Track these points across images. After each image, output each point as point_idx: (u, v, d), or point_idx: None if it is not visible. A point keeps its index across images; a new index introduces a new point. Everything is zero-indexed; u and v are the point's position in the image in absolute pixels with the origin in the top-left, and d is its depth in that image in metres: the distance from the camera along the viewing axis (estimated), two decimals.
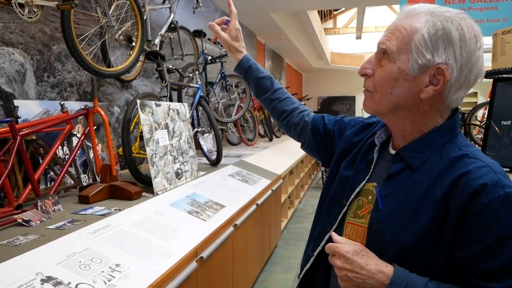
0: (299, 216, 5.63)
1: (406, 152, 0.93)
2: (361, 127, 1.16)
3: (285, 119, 1.36)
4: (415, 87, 0.87)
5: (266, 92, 1.36)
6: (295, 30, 8.60)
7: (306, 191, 7.16)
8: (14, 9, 1.74)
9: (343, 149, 1.14)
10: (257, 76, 1.36)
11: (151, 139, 2.24)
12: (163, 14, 3.65)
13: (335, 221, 1.03)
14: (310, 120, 1.29)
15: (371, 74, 0.94)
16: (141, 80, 3.49)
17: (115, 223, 1.73)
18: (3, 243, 1.43)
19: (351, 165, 1.07)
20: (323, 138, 1.25)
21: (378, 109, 0.95)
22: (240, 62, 1.38)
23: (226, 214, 2.35)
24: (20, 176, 2.01)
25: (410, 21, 0.88)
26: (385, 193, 0.92)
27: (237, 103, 4.72)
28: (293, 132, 1.35)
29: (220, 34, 1.35)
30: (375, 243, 0.90)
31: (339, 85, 16.45)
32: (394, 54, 0.88)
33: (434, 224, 0.83)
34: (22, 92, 2.21)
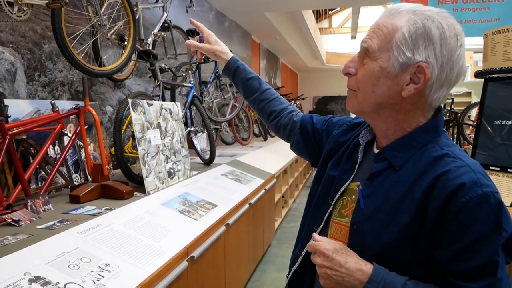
0: (293, 216, 5.64)
1: (388, 152, 0.93)
2: (348, 127, 1.16)
3: (274, 119, 1.35)
4: (396, 85, 0.88)
5: (255, 93, 1.36)
6: (290, 29, 8.60)
7: (301, 190, 7.17)
8: (3, 7, 1.74)
9: (330, 149, 1.15)
10: (244, 76, 1.36)
11: (143, 139, 2.23)
12: (156, 13, 3.64)
13: (321, 221, 1.04)
14: (299, 120, 1.29)
15: (354, 73, 0.94)
16: (134, 79, 3.48)
17: (106, 223, 1.72)
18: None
19: (336, 165, 1.08)
20: (312, 138, 1.25)
21: (361, 108, 0.95)
22: (227, 63, 1.37)
23: (218, 214, 2.35)
24: (10, 175, 2.00)
25: (391, 20, 0.88)
26: (367, 192, 0.93)
27: (231, 102, 4.72)
28: (282, 132, 1.35)
29: (200, 46, 1.36)
30: (356, 242, 0.91)
31: (334, 84, 16.46)
32: (376, 52, 0.88)
33: (414, 224, 0.83)
34: (13, 91, 2.20)
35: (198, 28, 1.39)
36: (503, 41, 2.30)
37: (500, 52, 2.31)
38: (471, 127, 6.08)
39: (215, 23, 5.89)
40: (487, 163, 2.21)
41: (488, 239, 0.79)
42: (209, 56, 1.38)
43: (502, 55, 2.29)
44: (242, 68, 1.37)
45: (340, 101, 16.68)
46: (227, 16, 6.43)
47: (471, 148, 2.50)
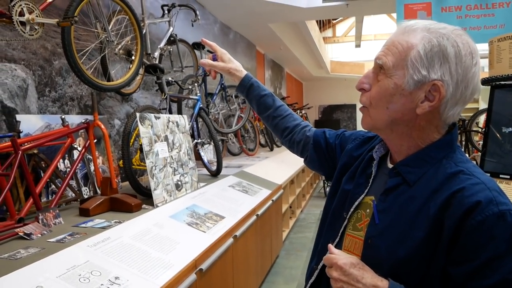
0: (301, 226, 5.63)
1: (402, 167, 0.94)
2: (362, 141, 1.17)
3: (288, 135, 1.37)
4: (411, 102, 0.88)
5: (268, 110, 1.38)
6: (294, 39, 8.66)
7: (308, 200, 7.16)
8: (16, 27, 1.79)
9: (344, 163, 1.16)
10: (258, 94, 1.38)
11: (150, 152, 2.27)
12: (162, 28, 3.70)
13: (337, 235, 1.05)
14: (312, 136, 1.30)
15: (368, 89, 0.95)
16: (141, 93, 3.53)
17: (115, 236, 1.75)
18: (4, 256, 1.46)
19: (351, 179, 1.09)
20: (325, 153, 1.26)
21: (374, 124, 0.96)
22: (242, 81, 1.38)
23: (226, 225, 2.36)
24: (22, 189, 2.04)
25: (406, 37, 0.89)
26: (382, 207, 0.94)
27: (237, 113, 4.76)
28: (296, 148, 1.37)
29: (214, 64, 1.36)
30: (370, 256, 0.92)
31: (339, 93, 16.49)
32: (391, 69, 0.90)
33: (428, 240, 0.84)
34: (24, 107, 2.25)
35: (211, 47, 1.40)
36: (509, 47, 2.31)
37: (506, 59, 2.31)
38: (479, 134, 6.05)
39: (220, 35, 5.95)
40: (497, 171, 2.19)
41: (505, 257, 0.79)
42: (223, 73, 1.39)
43: (508, 62, 2.29)
44: (256, 86, 1.38)
45: (345, 109, 16.68)
46: (231, 28, 6.50)
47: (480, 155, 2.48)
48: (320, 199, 7.54)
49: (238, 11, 5.64)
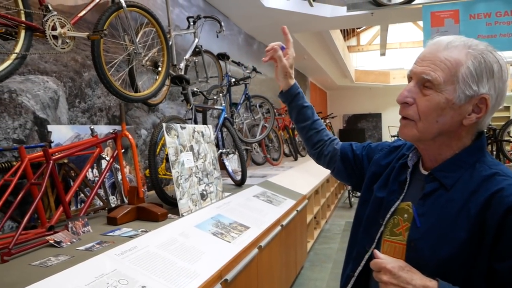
0: (326, 237, 5.56)
1: (438, 173, 1.00)
2: (389, 151, 1.24)
3: (318, 148, 1.43)
4: (459, 115, 0.95)
5: (306, 121, 1.43)
6: (318, 49, 8.66)
7: (333, 211, 7.07)
8: (48, 40, 1.85)
9: (373, 172, 1.21)
10: (301, 104, 1.42)
11: (176, 161, 2.29)
12: (188, 39, 3.76)
13: (373, 241, 1.08)
14: (339, 148, 1.37)
15: (411, 102, 0.99)
16: (167, 103, 3.59)
17: (142, 245, 1.77)
18: (36, 263, 1.49)
19: (383, 187, 1.14)
20: (353, 164, 1.32)
21: (421, 137, 1.01)
22: (290, 88, 1.41)
23: (251, 236, 2.36)
24: (53, 198, 2.09)
25: (451, 53, 0.94)
26: (421, 211, 0.98)
27: (261, 123, 4.77)
28: (323, 160, 1.43)
29: (282, 60, 1.36)
30: (414, 259, 0.95)
31: (364, 102, 16.32)
32: (441, 85, 0.94)
33: (471, 239, 0.89)
34: (55, 117, 2.32)
35: (287, 40, 1.40)
36: None
37: None
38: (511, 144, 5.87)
39: (244, 45, 6.01)
40: None
41: None
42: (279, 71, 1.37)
43: None
44: (301, 96, 1.42)
45: (370, 118, 16.48)
46: (255, 38, 6.55)
47: None
48: (345, 209, 7.45)
49: (262, 21, 5.69)
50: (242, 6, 4.98)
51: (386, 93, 15.19)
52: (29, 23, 1.78)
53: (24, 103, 2.11)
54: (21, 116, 2.09)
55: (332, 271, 4.26)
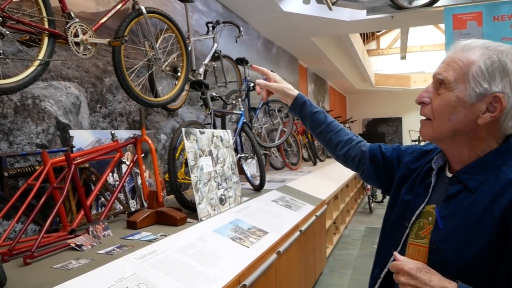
0: (345, 243, 5.50)
1: (463, 175, 0.99)
2: (419, 154, 1.23)
3: (342, 149, 1.40)
4: (472, 113, 0.95)
5: (321, 125, 1.42)
6: (337, 53, 8.61)
7: (352, 216, 6.99)
8: (70, 47, 1.89)
9: (402, 175, 1.21)
10: (311, 111, 1.42)
11: (195, 166, 2.30)
12: (207, 44, 3.79)
13: (399, 243, 1.08)
14: (368, 150, 1.35)
15: (428, 102, 1.03)
16: (187, 108, 3.62)
17: (161, 249, 1.77)
18: (57, 266, 1.51)
19: (410, 190, 1.14)
20: (382, 166, 1.31)
21: (437, 136, 1.03)
22: (295, 99, 1.43)
23: (269, 241, 2.34)
24: (74, 202, 2.13)
25: (466, 54, 0.97)
26: (444, 213, 0.98)
27: (280, 127, 4.75)
28: (351, 163, 1.40)
29: (269, 84, 1.43)
30: (436, 261, 0.95)
31: (384, 106, 16.15)
32: (452, 83, 0.97)
33: (495, 241, 0.89)
34: (77, 122, 2.36)
35: (262, 72, 1.47)
36: None
37: None
38: None
39: (263, 50, 6.02)
40: None
41: None
42: (277, 94, 1.44)
43: None
44: (308, 103, 1.43)
45: (390, 123, 16.28)
46: (274, 42, 6.56)
47: None
48: (364, 215, 7.35)
49: (281, 26, 5.69)
50: (260, 11, 5.00)
51: (406, 97, 14.99)
52: (52, 30, 1.82)
53: (47, 108, 2.16)
54: (44, 121, 2.14)
55: (351, 277, 4.20)
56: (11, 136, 1.97)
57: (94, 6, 2.54)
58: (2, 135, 1.93)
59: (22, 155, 2.00)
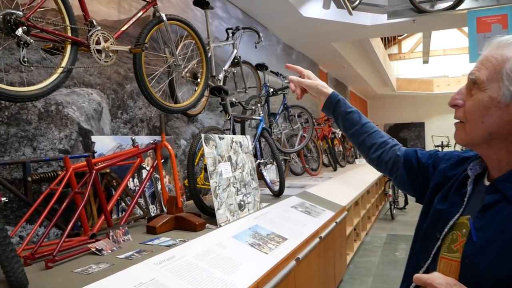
0: (366, 250, 5.41)
1: (501, 183, 0.91)
2: (457, 161, 1.14)
3: (375, 152, 1.33)
4: (508, 115, 0.88)
5: (354, 126, 1.36)
6: (357, 57, 8.54)
7: (373, 222, 6.89)
8: (92, 54, 1.92)
9: (437, 182, 1.13)
10: (345, 110, 1.37)
11: (214, 172, 2.30)
12: (226, 50, 3.81)
13: (429, 256, 1.02)
14: (402, 154, 1.27)
15: (461, 104, 0.97)
16: (206, 114, 3.64)
17: (180, 255, 1.78)
18: (78, 271, 1.53)
19: (444, 199, 1.06)
20: (417, 172, 1.23)
21: (470, 139, 0.96)
22: (329, 97, 1.38)
23: (288, 247, 2.32)
24: (95, 206, 2.16)
25: (501, 51, 0.90)
26: (479, 225, 0.91)
27: (300, 133, 4.73)
28: (384, 167, 1.33)
29: (302, 81, 1.39)
30: (469, 276, 0.88)
31: (406, 111, 15.92)
32: (485, 83, 0.90)
33: None
34: (99, 128, 2.40)
35: (296, 70, 1.44)
36: None
37: None
38: None
39: (282, 55, 6.01)
40: None
41: None
42: (310, 91, 1.40)
43: None
44: (342, 102, 1.38)
45: (413, 128, 16.03)
46: (294, 48, 6.55)
47: None
48: (386, 221, 7.23)
49: (301, 31, 5.68)
50: (280, 16, 5.00)
51: (429, 102, 14.76)
52: (74, 38, 1.85)
53: (70, 114, 2.20)
54: (66, 127, 2.18)
55: (372, 285, 4.13)
56: (35, 142, 2.02)
57: (116, 14, 2.59)
58: (27, 141, 1.98)
59: (45, 161, 2.04)
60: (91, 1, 2.36)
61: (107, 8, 2.52)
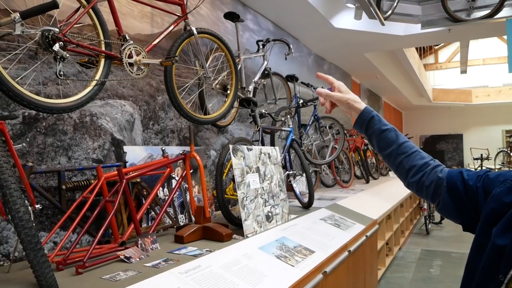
0: (399, 265, 5.26)
1: None
2: None
3: (414, 176, 1.18)
4: None
5: (391, 146, 1.21)
6: (391, 68, 8.40)
7: (407, 237, 6.69)
8: (125, 68, 1.99)
9: (492, 210, 0.97)
10: (379, 128, 1.23)
11: (242, 183, 2.32)
12: (257, 62, 3.84)
13: None
14: (445, 177, 1.11)
15: None
16: (236, 125, 3.67)
17: (205, 264, 1.79)
18: (106, 277, 1.57)
19: (506, 231, 0.91)
20: (463, 197, 1.06)
21: None
22: (361, 113, 1.26)
23: (316, 260, 2.29)
24: (125, 215, 2.21)
25: None
26: None
27: (331, 144, 4.69)
28: (425, 192, 1.17)
29: (331, 94, 1.30)
30: None
31: (443, 122, 15.47)
32: None
33: None
34: (131, 139, 2.47)
35: (327, 80, 1.34)
36: None
37: None
38: None
39: (314, 66, 6.00)
40: None
41: None
42: (340, 105, 1.30)
43: None
44: (377, 119, 1.24)
45: (450, 140, 15.54)
46: (325, 59, 6.52)
47: None
48: (421, 236, 7.01)
49: (333, 42, 5.66)
50: (311, 28, 5.01)
51: (468, 113, 14.29)
52: (108, 52, 1.93)
53: (103, 125, 2.28)
54: (100, 137, 2.26)
55: None
56: (70, 151, 2.10)
57: (149, 28, 2.68)
58: (62, 150, 2.06)
59: (79, 170, 2.12)
60: (125, 17, 2.46)
61: (140, 22, 2.61)
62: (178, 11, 2.48)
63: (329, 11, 4.71)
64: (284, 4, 4.17)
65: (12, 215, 1.20)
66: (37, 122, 1.94)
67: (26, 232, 1.22)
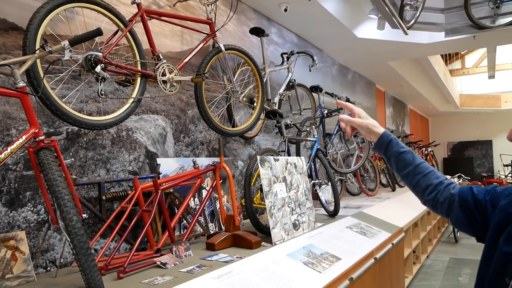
0: (427, 273, 5.21)
1: None
2: None
3: (430, 194, 1.27)
4: None
5: (408, 167, 1.31)
6: (416, 75, 8.36)
7: (435, 245, 6.61)
8: (159, 85, 2.13)
9: (499, 221, 1.05)
10: (397, 150, 1.33)
11: (269, 192, 2.41)
12: (282, 74, 3.95)
13: None
14: (457, 193, 1.20)
15: None
16: (263, 136, 3.78)
17: (237, 270, 1.89)
18: (145, 282, 1.69)
19: (510, 240, 0.99)
20: (474, 212, 1.15)
21: None
22: (380, 137, 1.36)
23: (342, 267, 2.35)
24: (160, 223, 2.34)
25: None
26: None
27: (356, 153, 4.73)
28: (440, 208, 1.26)
29: (352, 120, 1.38)
30: None
31: (471, 128, 15.15)
32: None
33: None
34: (163, 151, 2.60)
35: (347, 108, 1.43)
36: None
37: None
38: None
39: (338, 75, 6.07)
40: None
41: None
42: (361, 130, 1.39)
43: None
44: (395, 142, 1.34)
45: (479, 146, 15.20)
46: (349, 68, 6.57)
47: None
48: (449, 244, 6.91)
49: (357, 52, 5.71)
50: (335, 38, 5.08)
51: (497, 118, 13.96)
52: (144, 71, 2.07)
53: (138, 139, 2.42)
54: (135, 150, 2.40)
55: None
56: (108, 164, 2.24)
57: (179, 46, 2.82)
58: (101, 163, 2.21)
59: (117, 181, 2.26)
60: (157, 36, 2.61)
61: (171, 41, 2.76)
62: (206, 29, 2.62)
63: (351, 21, 4.78)
64: (307, 17, 4.27)
65: (66, 223, 1.33)
66: (79, 138, 2.10)
67: (78, 238, 1.35)
